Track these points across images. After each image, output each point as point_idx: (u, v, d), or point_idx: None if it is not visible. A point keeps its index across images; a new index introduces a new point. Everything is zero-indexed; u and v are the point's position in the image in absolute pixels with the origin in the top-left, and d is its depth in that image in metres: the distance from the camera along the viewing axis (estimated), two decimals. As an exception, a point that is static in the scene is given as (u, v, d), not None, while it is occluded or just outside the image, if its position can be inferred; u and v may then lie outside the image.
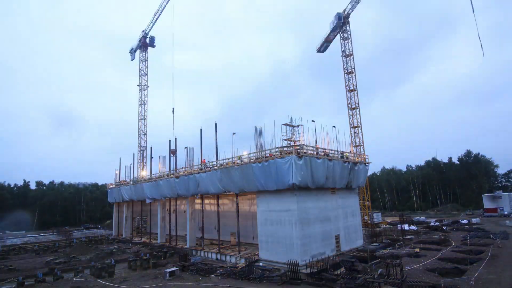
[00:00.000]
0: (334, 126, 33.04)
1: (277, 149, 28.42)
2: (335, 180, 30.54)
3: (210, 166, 35.38)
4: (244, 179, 30.12)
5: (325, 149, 30.86)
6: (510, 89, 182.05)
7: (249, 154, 31.29)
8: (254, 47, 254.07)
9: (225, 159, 34.16)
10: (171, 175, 41.63)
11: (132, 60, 75.38)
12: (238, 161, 31.57)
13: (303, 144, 28.50)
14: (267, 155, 28.89)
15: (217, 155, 34.83)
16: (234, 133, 33.55)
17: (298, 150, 27.02)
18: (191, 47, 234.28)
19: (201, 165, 36.29)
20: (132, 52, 75.30)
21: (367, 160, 37.77)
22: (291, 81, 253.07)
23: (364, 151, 49.99)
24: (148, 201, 47.84)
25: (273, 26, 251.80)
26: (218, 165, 34.43)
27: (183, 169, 40.28)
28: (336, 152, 31.97)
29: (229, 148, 34.42)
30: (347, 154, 33.51)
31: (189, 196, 38.43)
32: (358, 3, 52.52)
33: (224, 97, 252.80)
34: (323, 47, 60.00)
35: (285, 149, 27.97)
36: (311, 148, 29.17)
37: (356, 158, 36.49)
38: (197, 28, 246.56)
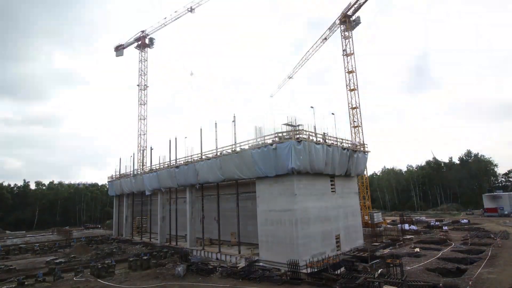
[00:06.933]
0: (333, 113, 33.14)
1: (276, 135, 28.51)
2: (335, 166, 30.56)
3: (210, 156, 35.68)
4: (243, 166, 30.24)
5: (324, 134, 30.88)
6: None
7: (248, 141, 31.38)
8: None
9: (224, 147, 34.43)
10: (171, 165, 41.94)
11: (117, 57, 73.55)
12: (237, 148, 31.75)
13: (302, 129, 28.50)
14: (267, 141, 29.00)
15: (216, 145, 35.17)
16: (233, 121, 33.58)
17: (297, 135, 27.09)
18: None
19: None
20: (121, 49, 73.42)
21: (366, 149, 37.93)
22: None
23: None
24: (147, 192, 48.07)
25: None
26: (218, 153, 34.63)
27: (183, 158, 40.68)
28: (335, 139, 32.06)
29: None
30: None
31: (188, 185, 38.77)
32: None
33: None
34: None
35: (284, 134, 28.04)
36: (310, 133, 29.23)
37: (355, 146, 36.52)
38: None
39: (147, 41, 72.08)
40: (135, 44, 72.49)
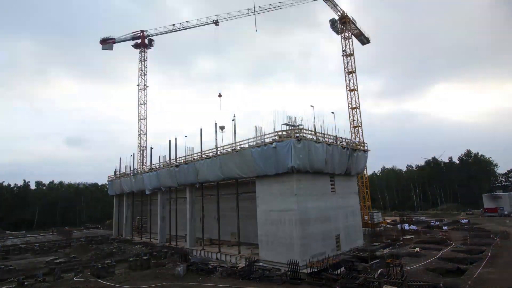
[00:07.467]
0: (332, 112, 33.23)
1: (276, 133, 28.54)
2: (334, 165, 30.61)
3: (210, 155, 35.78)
4: (243, 164, 30.33)
5: (324, 134, 30.91)
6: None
7: (248, 140, 31.38)
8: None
9: (224, 146, 34.42)
10: (172, 165, 41.99)
11: (103, 50, 70.83)
12: (238, 147, 31.83)
13: (302, 128, 28.53)
14: (266, 140, 29.09)
15: (216, 144, 35.14)
16: (233, 119, 33.50)
17: (297, 134, 27.14)
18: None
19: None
20: (110, 43, 70.36)
21: (366, 148, 37.98)
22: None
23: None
24: (147, 192, 48.07)
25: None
26: (218, 152, 34.68)
27: (183, 158, 40.74)
28: (335, 138, 32.10)
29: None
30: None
31: (189, 184, 38.84)
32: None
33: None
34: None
35: (284, 133, 28.09)
36: (310, 132, 29.24)
37: (354, 144, 36.57)
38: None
39: (146, 41, 71.99)
40: (132, 42, 71.70)
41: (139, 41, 71.18)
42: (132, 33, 71.21)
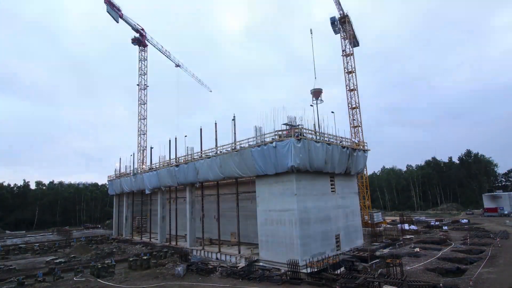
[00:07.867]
0: (332, 112, 33.23)
1: (275, 133, 28.54)
2: (334, 164, 30.62)
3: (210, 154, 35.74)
4: (243, 164, 30.34)
5: (323, 133, 30.91)
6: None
7: (248, 139, 31.35)
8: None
9: (224, 145, 34.45)
10: (171, 164, 42.01)
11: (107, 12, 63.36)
12: (237, 147, 31.85)
13: (302, 127, 28.53)
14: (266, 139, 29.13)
15: (216, 144, 35.07)
16: (233, 119, 33.43)
17: (297, 134, 27.14)
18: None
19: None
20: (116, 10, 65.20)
21: (365, 148, 38.07)
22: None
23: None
24: (147, 191, 48.09)
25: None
26: (218, 152, 34.66)
27: (183, 157, 40.75)
28: (335, 137, 32.14)
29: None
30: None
31: (188, 184, 38.77)
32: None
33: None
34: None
35: (283, 132, 28.07)
36: (310, 131, 29.24)
37: (354, 144, 36.63)
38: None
39: (146, 41, 71.93)
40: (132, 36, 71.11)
41: (137, 34, 70.59)
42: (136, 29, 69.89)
